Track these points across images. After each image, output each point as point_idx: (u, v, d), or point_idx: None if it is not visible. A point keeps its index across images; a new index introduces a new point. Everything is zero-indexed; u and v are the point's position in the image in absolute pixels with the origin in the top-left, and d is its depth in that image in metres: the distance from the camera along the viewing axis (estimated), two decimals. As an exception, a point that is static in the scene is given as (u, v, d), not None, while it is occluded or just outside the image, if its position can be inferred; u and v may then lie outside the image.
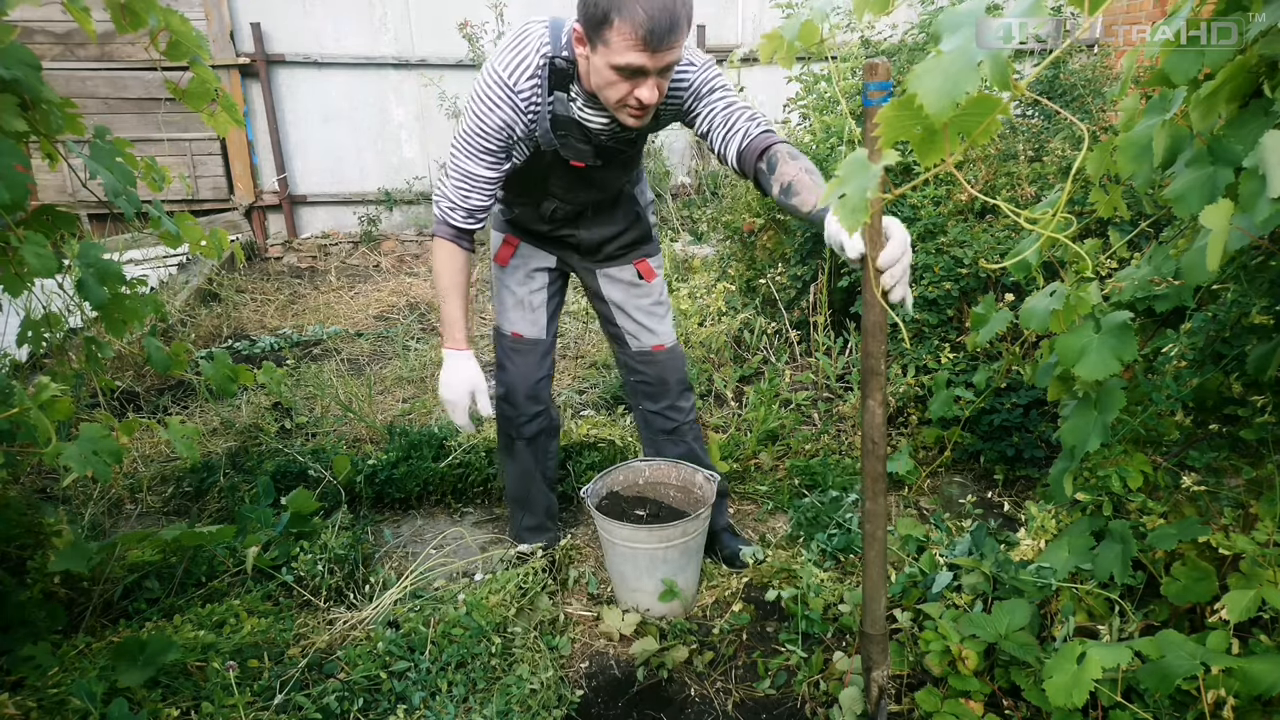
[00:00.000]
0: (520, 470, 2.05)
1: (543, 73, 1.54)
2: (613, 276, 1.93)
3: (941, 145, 0.83)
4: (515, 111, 1.56)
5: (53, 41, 5.04)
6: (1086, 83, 3.71)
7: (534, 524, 2.13)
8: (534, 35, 1.54)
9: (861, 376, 1.14)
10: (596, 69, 1.45)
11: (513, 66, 1.53)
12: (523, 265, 1.91)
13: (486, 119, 1.55)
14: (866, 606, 1.31)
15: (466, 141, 1.59)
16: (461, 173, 1.61)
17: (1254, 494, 1.50)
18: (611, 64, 1.41)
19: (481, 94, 1.55)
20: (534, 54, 1.53)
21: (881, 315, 1.11)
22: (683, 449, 2.08)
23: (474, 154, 1.59)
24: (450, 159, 1.63)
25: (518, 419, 1.97)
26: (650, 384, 2.01)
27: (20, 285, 1.29)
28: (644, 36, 1.35)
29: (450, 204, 1.64)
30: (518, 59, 1.53)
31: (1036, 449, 2.39)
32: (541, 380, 1.96)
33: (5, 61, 1.22)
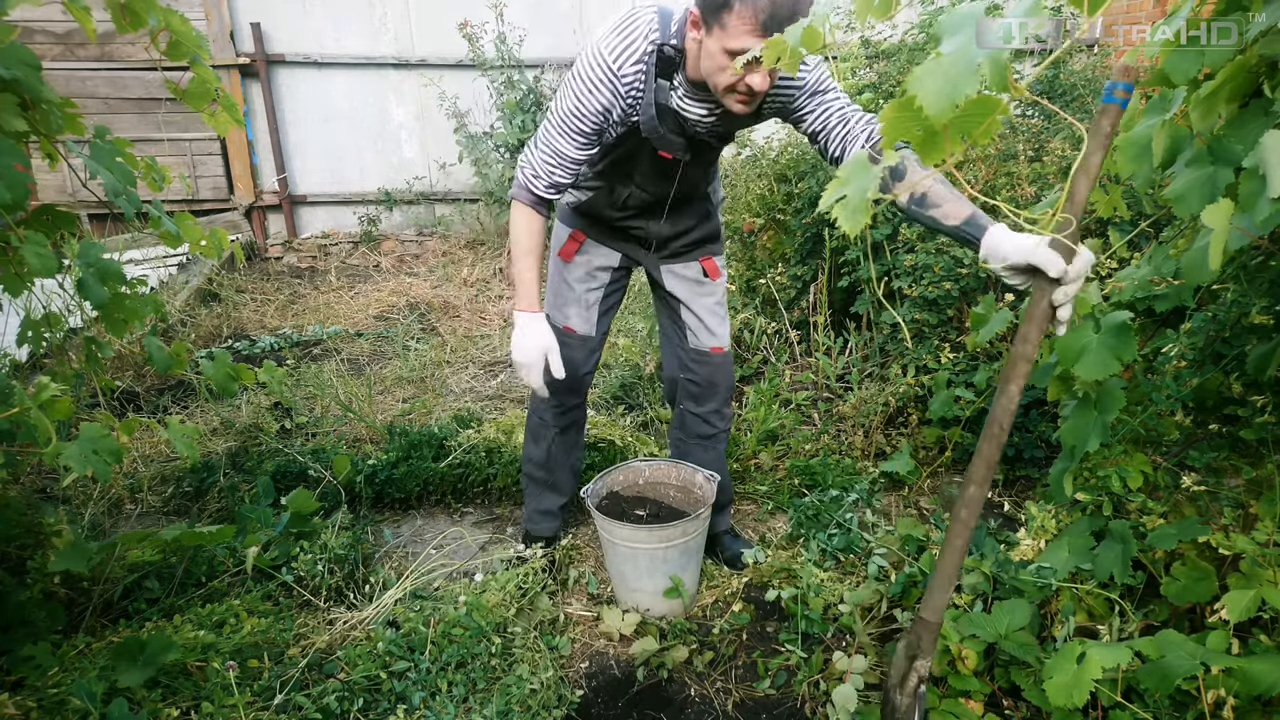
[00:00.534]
0: (547, 456, 2.05)
1: (649, 59, 1.53)
2: (677, 272, 1.93)
3: (942, 146, 0.83)
4: (615, 95, 1.54)
5: (53, 41, 5.04)
6: (1086, 83, 3.71)
7: (550, 507, 2.12)
8: (643, 20, 1.52)
9: (1010, 360, 1.13)
10: (710, 53, 1.43)
11: (619, 50, 1.52)
12: (585, 263, 1.89)
13: (586, 101, 1.54)
14: (932, 592, 1.28)
15: (563, 121, 1.58)
16: (552, 149, 1.61)
17: (1254, 494, 1.50)
18: (726, 48, 1.39)
19: (584, 74, 1.53)
20: (642, 39, 1.52)
21: (1049, 309, 1.10)
22: (711, 456, 2.08)
23: (568, 134, 1.58)
24: (543, 132, 1.62)
25: (555, 409, 1.97)
26: (699, 385, 2.01)
27: (20, 285, 1.29)
28: (764, 22, 1.33)
29: (534, 172, 1.63)
30: (625, 42, 1.52)
31: (1036, 449, 2.39)
32: (585, 375, 1.97)
33: (5, 61, 1.22)
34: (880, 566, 1.91)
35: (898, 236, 2.71)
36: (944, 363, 2.50)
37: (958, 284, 2.54)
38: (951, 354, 2.51)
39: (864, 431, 2.64)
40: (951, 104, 0.77)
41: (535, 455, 2.07)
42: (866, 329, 2.91)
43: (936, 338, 2.61)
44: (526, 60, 5.31)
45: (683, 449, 2.11)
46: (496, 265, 5.17)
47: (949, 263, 2.55)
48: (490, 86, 5.22)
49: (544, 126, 1.62)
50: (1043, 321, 1.12)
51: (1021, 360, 1.12)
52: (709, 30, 1.41)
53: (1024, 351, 1.12)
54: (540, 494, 2.12)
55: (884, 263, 2.71)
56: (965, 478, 1.21)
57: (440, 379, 3.45)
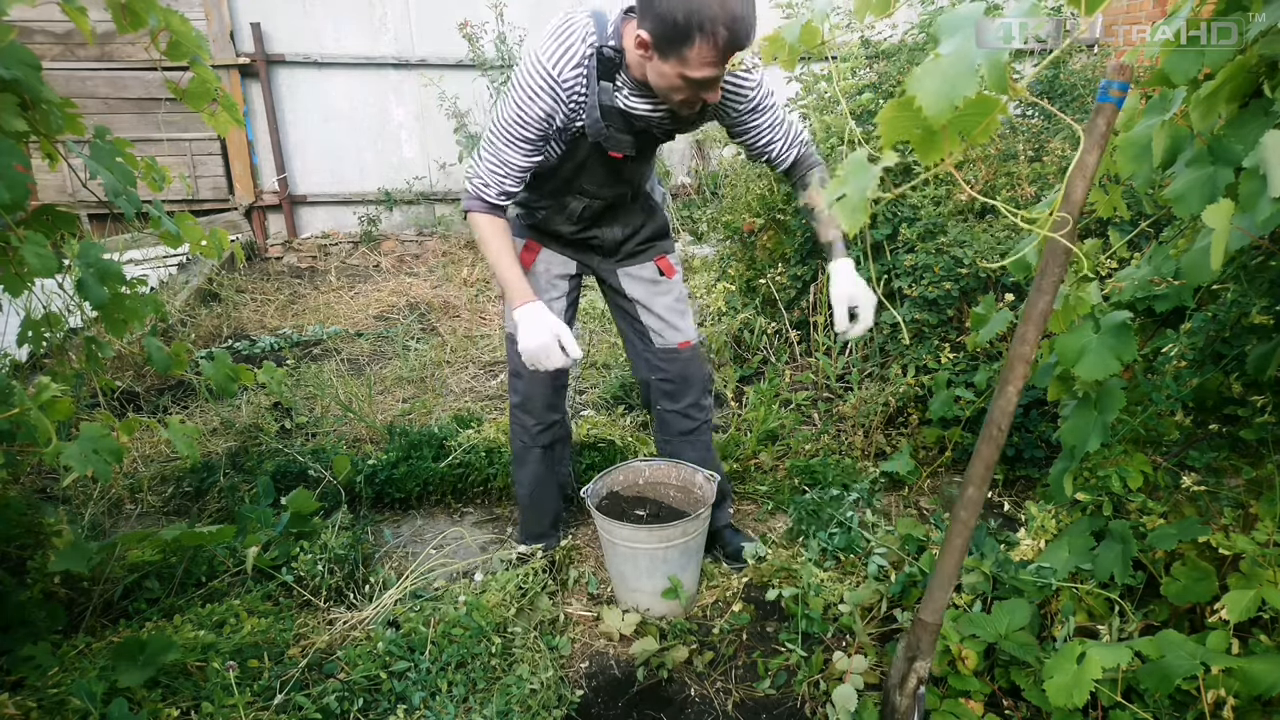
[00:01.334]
0: (533, 477, 2.04)
1: (589, 62, 1.54)
2: (634, 275, 1.94)
3: (941, 145, 0.83)
4: (557, 101, 1.54)
5: (53, 41, 5.04)
6: (1086, 83, 3.71)
7: (540, 530, 2.13)
8: (579, 25, 1.53)
9: (1008, 361, 1.13)
10: (663, 74, 1.46)
11: (557, 55, 1.52)
12: (544, 272, 1.89)
13: (527, 108, 1.54)
14: (932, 593, 1.28)
15: (506, 130, 1.57)
16: (499, 159, 1.60)
17: (1254, 494, 1.50)
18: (684, 75, 1.43)
19: (524, 82, 1.53)
20: (580, 43, 1.52)
21: (1050, 305, 1.10)
22: (700, 451, 2.07)
23: (512, 142, 1.58)
24: (486, 144, 1.62)
25: (534, 427, 1.97)
26: (672, 382, 2.01)
27: (20, 285, 1.29)
28: (723, 53, 1.38)
29: (483, 182, 1.63)
30: (563, 48, 1.52)
31: (1036, 449, 2.39)
32: (560, 387, 1.97)
33: (5, 61, 1.22)
34: (880, 566, 1.91)
35: (897, 236, 2.71)
36: (944, 363, 2.50)
37: (958, 284, 2.53)
38: (951, 354, 2.51)
39: (864, 431, 2.64)
40: (950, 104, 0.77)
41: (522, 478, 2.06)
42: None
43: (936, 338, 2.61)
44: (526, 60, 5.31)
45: (670, 449, 2.10)
46: (496, 265, 5.17)
47: (949, 263, 2.55)
48: (490, 86, 5.22)
49: (488, 136, 1.62)
50: (1041, 322, 1.12)
51: (1019, 361, 1.12)
52: (664, 58, 1.43)
53: (1022, 353, 1.12)
54: (531, 516, 2.12)
55: (884, 263, 2.71)
56: (964, 478, 1.21)
57: (440, 379, 3.45)
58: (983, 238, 2.57)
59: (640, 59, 1.49)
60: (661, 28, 1.38)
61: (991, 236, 2.58)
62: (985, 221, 2.70)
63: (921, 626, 1.30)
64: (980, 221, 2.70)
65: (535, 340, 1.63)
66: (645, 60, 1.47)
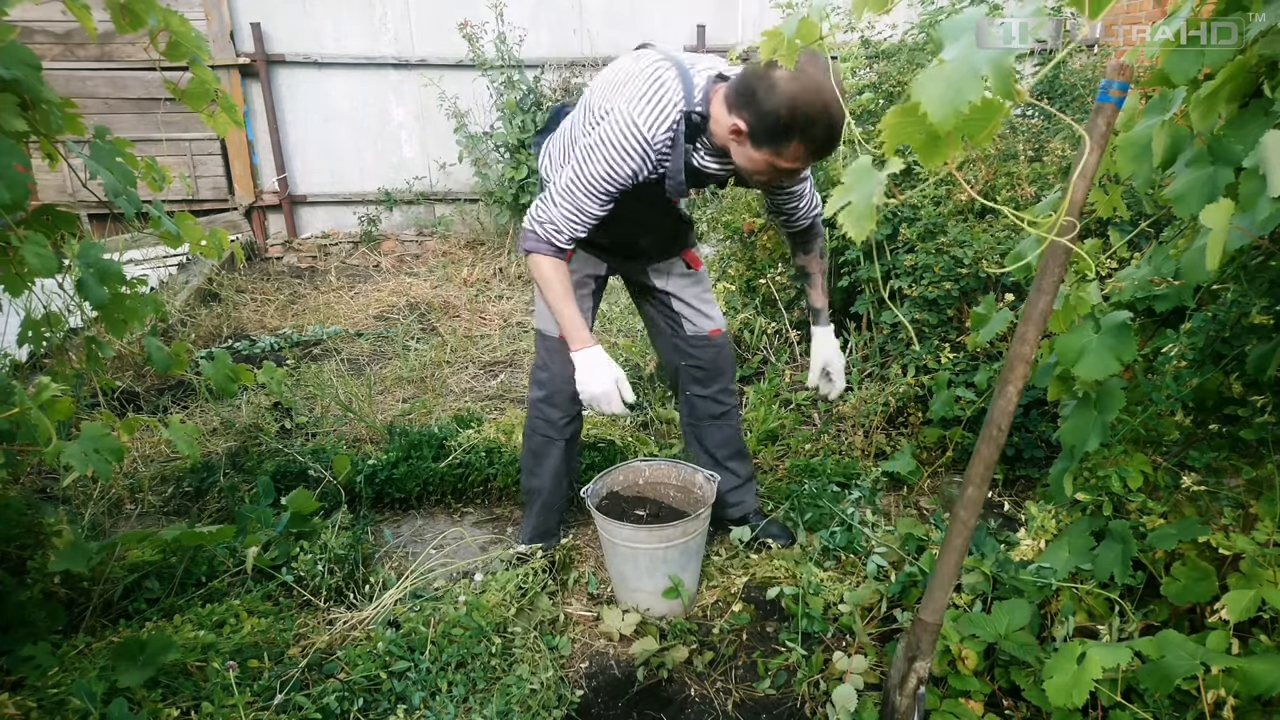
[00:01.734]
0: (554, 471, 2.05)
1: (678, 126, 1.58)
2: (662, 270, 1.99)
3: (945, 149, 0.83)
4: (646, 161, 1.59)
5: (53, 41, 5.04)
6: (1086, 83, 3.71)
7: (551, 527, 2.14)
8: (669, 87, 1.56)
9: (1008, 361, 1.13)
10: (752, 159, 1.53)
11: (652, 120, 1.55)
12: (577, 271, 1.91)
13: (619, 168, 1.58)
14: (932, 593, 1.28)
15: (590, 183, 1.60)
16: (576, 207, 1.62)
17: (1254, 494, 1.50)
18: (776, 165, 1.52)
19: (618, 142, 1.56)
20: (671, 107, 1.56)
21: (1050, 305, 1.10)
22: (728, 433, 2.12)
23: (594, 195, 1.61)
24: (564, 193, 1.62)
25: (560, 420, 1.99)
26: (704, 368, 2.06)
27: (20, 285, 1.29)
28: (818, 154, 1.49)
29: (556, 229, 1.64)
30: (657, 112, 1.56)
31: (1036, 449, 2.39)
32: None
33: (5, 61, 1.22)
34: (880, 566, 1.91)
35: (898, 237, 2.71)
36: (944, 363, 2.50)
37: (958, 284, 2.53)
38: (952, 354, 2.51)
39: (864, 431, 2.64)
40: (955, 110, 0.77)
41: (543, 473, 2.06)
42: (867, 329, 2.91)
43: (936, 338, 2.61)
44: (526, 60, 5.31)
45: (697, 432, 2.14)
46: (496, 265, 5.17)
47: (949, 263, 2.55)
48: (490, 86, 5.22)
49: (567, 185, 1.62)
50: (1041, 322, 1.12)
51: (1019, 361, 1.12)
52: (758, 146, 1.50)
53: (1022, 353, 1.12)
54: (545, 513, 2.12)
55: (884, 263, 2.71)
56: (964, 478, 1.21)
57: (440, 379, 3.45)
58: (983, 238, 2.57)
59: (732, 139, 1.54)
60: (762, 123, 1.45)
61: (991, 236, 2.58)
62: (985, 221, 2.70)
63: (921, 626, 1.30)
64: (980, 221, 2.70)
65: (597, 386, 1.67)
66: (736, 143, 1.54)
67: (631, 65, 1.62)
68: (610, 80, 1.65)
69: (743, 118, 1.47)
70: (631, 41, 6.28)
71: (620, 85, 1.60)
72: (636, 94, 1.56)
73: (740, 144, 1.53)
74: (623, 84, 1.60)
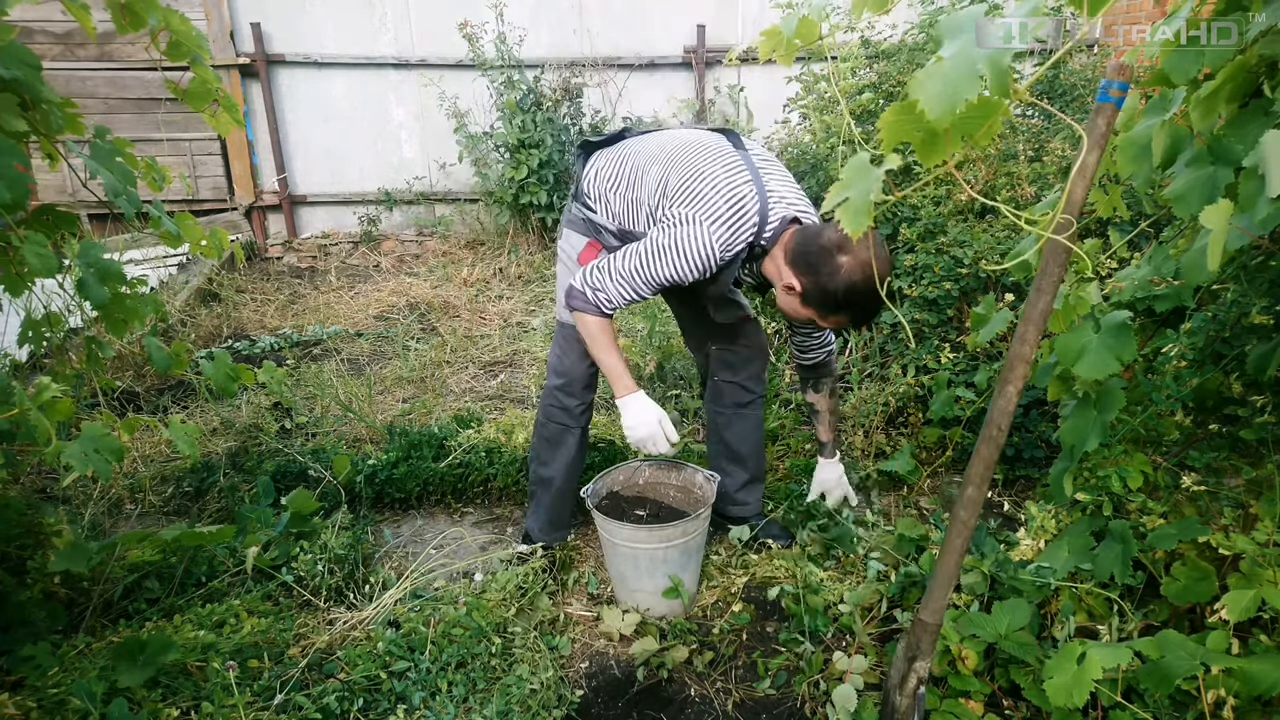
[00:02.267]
0: (568, 460, 2.06)
1: (744, 250, 1.67)
2: None
3: (943, 148, 0.83)
4: (704, 273, 1.68)
5: (53, 41, 5.04)
6: (1086, 83, 3.71)
7: (564, 519, 2.14)
8: (749, 214, 1.63)
9: (1008, 361, 1.13)
10: (798, 312, 1.66)
11: (726, 243, 1.63)
12: None
13: (684, 271, 1.65)
14: (931, 593, 1.28)
15: (653, 278, 1.68)
16: (633, 290, 1.71)
17: (1254, 494, 1.50)
18: (816, 322, 1.66)
19: (690, 254, 1.63)
20: (745, 234, 1.64)
21: (1050, 305, 1.10)
22: (751, 424, 2.14)
23: (652, 286, 1.70)
24: (630, 275, 1.69)
25: (576, 407, 2.01)
26: (735, 352, 2.09)
27: (21, 285, 1.29)
28: (856, 326, 1.68)
29: (608, 299, 1.72)
30: (732, 237, 1.63)
31: (1036, 449, 2.39)
32: (597, 372, 2.01)
33: (5, 61, 1.22)
34: (880, 567, 1.91)
35: (898, 236, 2.71)
36: (944, 363, 2.50)
37: (958, 284, 2.53)
38: (951, 354, 2.51)
39: (864, 431, 2.64)
40: (953, 108, 0.77)
41: (557, 463, 2.06)
42: (866, 329, 2.91)
43: (936, 337, 2.61)
44: (526, 60, 5.31)
45: (722, 420, 2.15)
46: (496, 265, 5.17)
47: (949, 263, 2.55)
48: (490, 86, 5.22)
49: (631, 270, 1.68)
50: (1040, 322, 1.12)
51: (1019, 361, 1.12)
52: (806, 302, 1.62)
53: (1022, 353, 1.12)
54: (559, 503, 2.11)
55: (884, 263, 2.71)
56: (964, 478, 1.21)
57: (440, 379, 3.45)
58: (983, 238, 2.57)
59: (782, 290, 1.66)
60: (820, 295, 1.57)
61: (991, 236, 2.58)
62: (985, 221, 2.70)
63: (921, 626, 1.30)
64: (980, 221, 2.70)
65: (645, 429, 1.77)
66: (785, 293, 1.65)
67: (719, 173, 1.66)
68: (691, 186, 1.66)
69: (801, 282, 1.60)
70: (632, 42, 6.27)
71: (702, 195, 1.64)
72: (718, 215, 1.62)
73: (788, 296, 1.64)
74: (706, 194, 1.64)
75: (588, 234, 1.92)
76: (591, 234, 1.92)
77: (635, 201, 1.81)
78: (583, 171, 1.91)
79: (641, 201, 1.79)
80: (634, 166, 1.81)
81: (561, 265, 1.98)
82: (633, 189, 1.81)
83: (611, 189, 1.85)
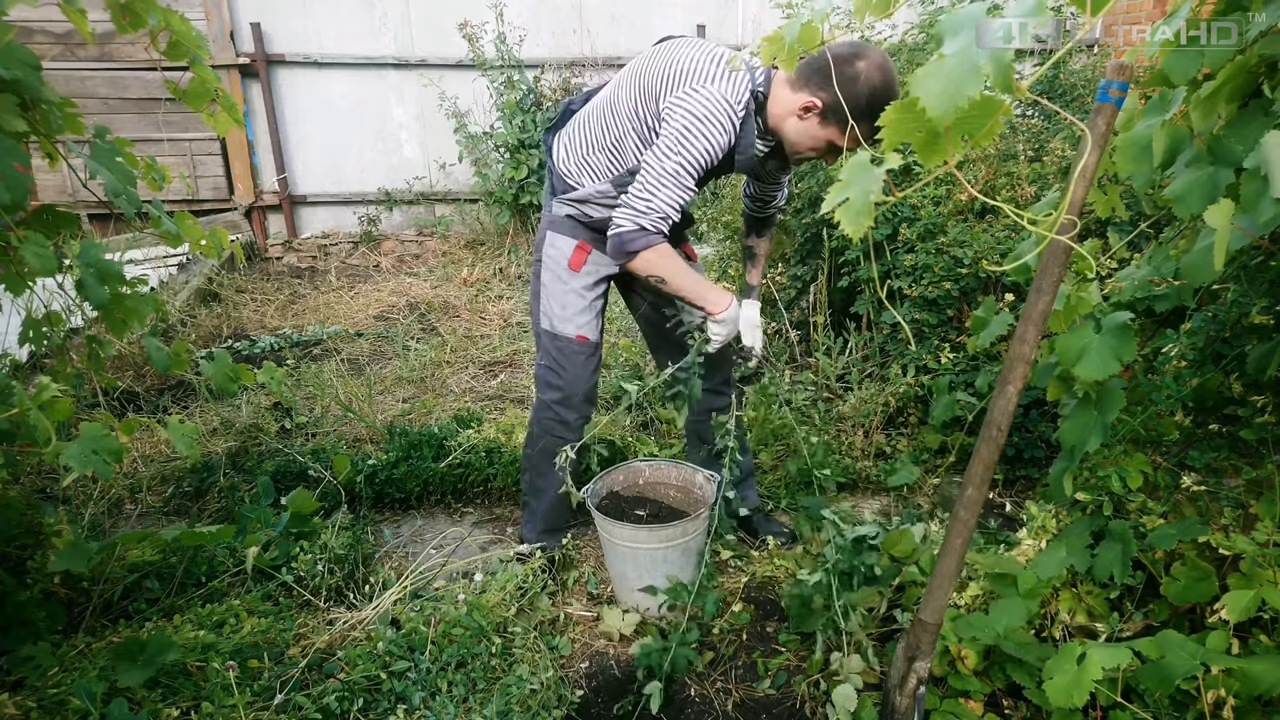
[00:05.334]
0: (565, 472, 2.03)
1: (749, 101, 1.65)
2: None
3: (944, 147, 0.83)
4: (734, 134, 1.63)
5: (53, 41, 5.04)
6: (1086, 83, 3.71)
7: (561, 523, 2.13)
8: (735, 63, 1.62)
9: (1008, 361, 1.13)
10: (814, 136, 1.62)
11: (735, 91, 1.61)
12: (594, 271, 1.91)
13: (716, 136, 1.61)
14: (931, 593, 1.28)
15: (694, 161, 1.62)
16: (683, 188, 1.65)
17: (1254, 494, 1.50)
18: (834, 144, 1.62)
19: (709, 117, 1.59)
20: (744, 84, 1.62)
21: (1050, 305, 1.10)
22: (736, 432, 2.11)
23: (697, 171, 1.64)
24: (671, 176, 1.63)
25: (575, 422, 1.98)
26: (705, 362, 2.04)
27: (21, 285, 1.29)
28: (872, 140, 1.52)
29: (663, 215, 1.66)
30: (737, 86, 1.62)
31: (1036, 449, 2.39)
32: (596, 383, 2.00)
33: (5, 61, 1.22)
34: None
35: (897, 236, 2.71)
36: (944, 363, 2.50)
37: (958, 284, 2.53)
38: (951, 354, 2.51)
39: (864, 432, 2.64)
40: (954, 105, 0.77)
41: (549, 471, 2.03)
42: (866, 329, 2.91)
43: (936, 338, 2.61)
44: (526, 60, 5.31)
45: (702, 428, 2.16)
46: (496, 265, 5.17)
47: (949, 263, 2.55)
48: (490, 86, 5.22)
49: (674, 172, 1.63)
50: (1041, 322, 1.12)
51: (1019, 362, 1.12)
52: (826, 124, 1.60)
53: (1022, 353, 1.12)
54: (556, 509, 2.10)
55: (884, 263, 2.71)
56: (964, 478, 1.21)
57: (440, 379, 3.45)
58: (983, 238, 2.56)
59: (795, 116, 1.62)
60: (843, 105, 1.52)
61: (991, 236, 2.58)
62: (985, 221, 2.70)
63: (921, 626, 1.30)
64: (980, 221, 2.70)
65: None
66: (800, 119, 1.62)
67: (694, 54, 1.66)
68: (674, 73, 1.66)
69: (820, 97, 1.56)
70: (632, 41, 6.27)
71: (690, 74, 1.64)
72: (712, 75, 1.62)
73: (804, 120, 1.61)
74: (693, 72, 1.64)
75: (575, 235, 1.89)
76: (579, 234, 1.89)
77: (619, 139, 1.77)
78: (553, 160, 1.89)
79: (626, 131, 1.74)
80: (601, 113, 1.79)
81: (549, 273, 1.90)
82: (609, 130, 1.77)
83: (589, 150, 1.82)
